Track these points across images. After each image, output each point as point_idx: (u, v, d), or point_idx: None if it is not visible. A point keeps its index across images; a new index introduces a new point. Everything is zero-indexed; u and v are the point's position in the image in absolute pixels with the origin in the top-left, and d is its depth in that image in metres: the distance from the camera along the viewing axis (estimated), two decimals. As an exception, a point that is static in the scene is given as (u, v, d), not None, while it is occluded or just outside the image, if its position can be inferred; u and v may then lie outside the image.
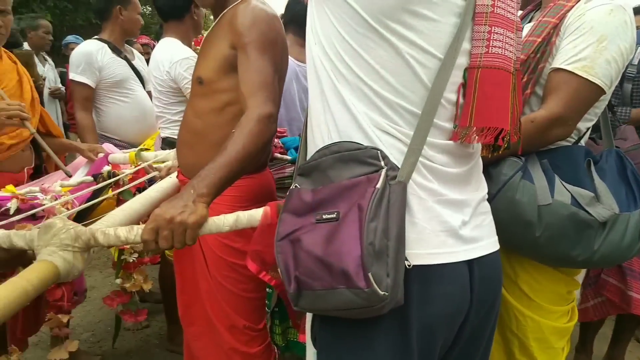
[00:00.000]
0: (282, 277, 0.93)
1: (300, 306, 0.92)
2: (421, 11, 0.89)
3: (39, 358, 2.43)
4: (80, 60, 2.70)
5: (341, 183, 0.91)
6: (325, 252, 0.86)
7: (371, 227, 0.84)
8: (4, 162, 2.13)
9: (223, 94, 1.49)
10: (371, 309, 0.85)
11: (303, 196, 0.96)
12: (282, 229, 0.95)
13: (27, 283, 0.96)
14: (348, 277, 0.83)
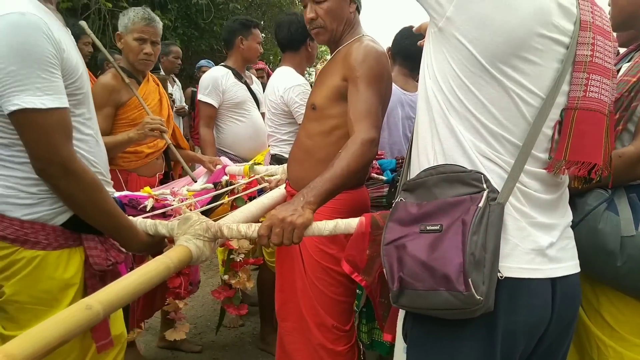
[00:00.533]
0: (387, 276, 1.08)
1: (400, 303, 1.07)
2: (529, 57, 1.04)
3: (149, 342, 2.76)
4: (208, 84, 3.08)
5: (446, 200, 1.06)
6: (429, 258, 1.01)
7: (473, 239, 0.98)
8: (142, 168, 2.51)
9: (332, 119, 1.70)
10: (465, 311, 0.99)
11: (409, 208, 1.11)
12: (388, 236, 1.11)
13: (170, 260, 1.21)
14: (449, 281, 0.97)
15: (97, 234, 1.36)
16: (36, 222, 1.26)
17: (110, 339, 1.39)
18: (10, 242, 1.25)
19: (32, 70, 1.13)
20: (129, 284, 1.07)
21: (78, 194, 1.25)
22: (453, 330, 1.07)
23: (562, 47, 1.06)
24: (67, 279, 1.30)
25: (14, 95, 1.13)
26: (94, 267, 1.34)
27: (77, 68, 1.27)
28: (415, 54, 2.10)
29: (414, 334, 1.15)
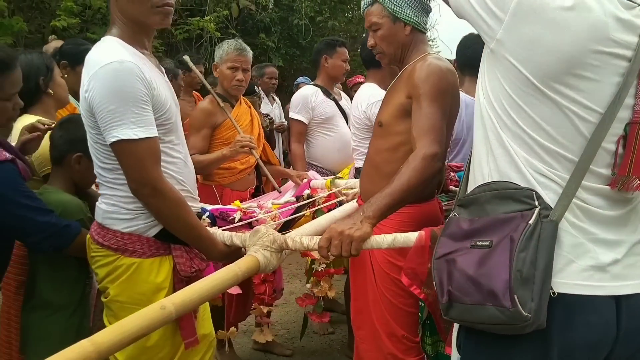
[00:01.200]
0: (437, 289, 1.12)
1: (450, 316, 1.11)
2: (584, 74, 1.04)
3: (245, 343, 2.98)
4: (299, 102, 3.28)
5: (497, 216, 1.08)
6: (476, 273, 1.04)
7: (520, 257, 1.00)
8: (235, 183, 2.75)
9: (398, 135, 1.76)
10: (513, 327, 1.01)
11: (461, 224, 1.14)
12: (439, 250, 1.15)
13: (238, 269, 1.36)
14: (495, 296, 1.00)
15: (183, 244, 1.55)
16: (133, 234, 1.49)
17: (196, 337, 1.57)
18: (113, 250, 1.49)
19: (128, 108, 1.35)
20: (200, 289, 1.23)
21: (164, 210, 1.45)
22: (505, 343, 1.08)
23: (623, 61, 1.04)
24: (158, 283, 1.51)
25: (113, 129, 1.35)
26: (181, 273, 1.53)
27: (165, 102, 1.48)
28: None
29: (466, 346, 1.18)
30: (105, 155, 1.44)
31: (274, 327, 3.25)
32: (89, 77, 1.37)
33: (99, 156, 1.46)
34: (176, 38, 6.58)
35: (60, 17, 4.78)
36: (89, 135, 1.46)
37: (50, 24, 4.70)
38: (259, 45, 7.73)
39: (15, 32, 4.54)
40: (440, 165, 1.58)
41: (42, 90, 1.94)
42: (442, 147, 1.59)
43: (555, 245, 1.03)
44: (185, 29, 6.60)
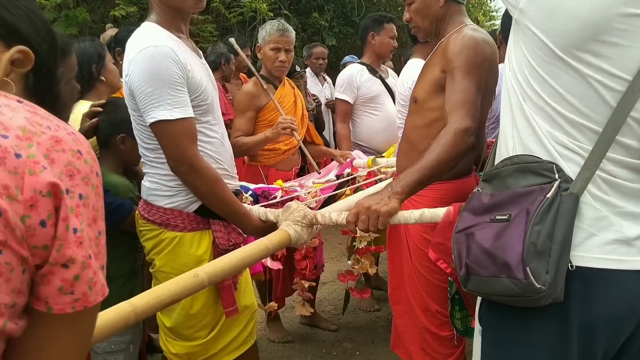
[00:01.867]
0: (455, 262, 1.15)
1: (468, 288, 1.13)
2: (611, 39, 1.00)
3: (293, 317, 3.08)
4: (343, 81, 3.29)
5: (516, 190, 1.09)
6: (492, 246, 1.05)
7: (535, 229, 1.00)
8: (280, 163, 2.82)
9: (432, 111, 1.75)
10: (528, 299, 1.02)
11: (482, 198, 1.16)
12: (460, 224, 1.17)
13: (269, 242, 1.43)
14: (509, 268, 1.01)
15: (222, 219, 1.64)
16: (175, 210, 1.59)
17: (235, 307, 1.67)
18: (157, 225, 1.60)
19: (164, 90, 1.43)
20: (232, 259, 1.31)
21: (201, 186, 1.54)
22: (524, 316, 1.08)
23: None
24: (199, 255, 1.61)
25: (151, 110, 1.45)
26: (219, 246, 1.62)
27: (201, 84, 1.55)
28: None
29: (488, 318, 1.19)
30: (147, 135, 1.54)
31: (322, 303, 3.34)
32: (128, 62, 1.47)
33: (141, 137, 1.57)
34: (230, 21, 6.71)
35: (120, 6, 5.02)
36: (133, 117, 1.57)
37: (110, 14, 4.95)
38: (312, 25, 7.74)
39: (80, 23, 4.83)
40: (472, 141, 1.56)
41: (95, 77, 2.07)
42: (475, 121, 1.57)
43: (575, 218, 1.02)
44: (239, 11, 6.72)
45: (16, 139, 0.51)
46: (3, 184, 0.50)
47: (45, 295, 0.54)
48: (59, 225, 0.53)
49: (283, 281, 2.69)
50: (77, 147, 0.56)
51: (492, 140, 2.24)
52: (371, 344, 2.84)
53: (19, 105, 0.55)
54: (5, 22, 0.64)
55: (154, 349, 2.41)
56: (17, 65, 0.65)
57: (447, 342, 1.78)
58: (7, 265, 0.50)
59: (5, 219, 0.49)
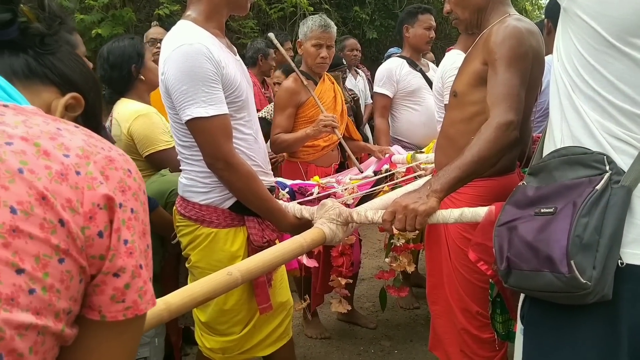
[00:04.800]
0: (496, 256, 1.11)
1: (509, 283, 1.09)
2: None
3: (331, 314, 3.06)
4: (383, 75, 3.24)
5: (563, 182, 1.04)
6: (535, 239, 1.01)
7: (581, 222, 0.96)
8: (319, 159, 2.80)
9: (473, 105, 1.69)
10: (571, 295, 0.97)
11: (527, 191, 1.12)
12: (503, 217, 1.14)
13: (304, 240, 1.41)
14: (552, 262, 0.97)
15: (256, 216, 1.64)
16: (210, 206, 1.60)
17: (269, 304, 1.67)
18: (193, 221, 1.61)
19: (198, 87, 1.44)
20: (265, 257, 1.30)
21: (236, 182, 1.53)
22: (569, 314, 1.03)
23: None
24: (233, 251, 1.61)
25: (187, 108, 1.45)
26: (254, 243, 1.62)
27: (235, 80, 1.55)
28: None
29: (530, 317, 1.14)
30: (183, 133, 1.55)
31: (360, 300, 3.31)
32: (163, 61, 1.48)
33: (178, 134, 1.58)
34: (271, 17, 6.73)
35: (164, 5, 5.11)
36: (169, 115, 1.58)
37: (154, 12, 5.05)
38: (353, 18, 7.66)
39: (126, 22, 4.95)
40: (516, 135, 1.49)
41: (134, 77, 2.10)
42: (519, 115, 1.50)
43: (626, 212, 0.96)
44: (280, 7, 6.73)
45: (76, 157, 0.57)
46: (66, 198, 0.54)
47: (98, 305, 0.58)
48: (112, 236, 0.57)
49: (322, 278, 2.67)
50: (127, 166, 0.61)
51: (538, 135, 2.15)
52: (410, 343, 2.79)
53: (76, 130, 0.60)
54: (61, 72, 0.76)
55: (193, 341, 2.45)
56: (70, 110, 0.76)
57: (488, 345, 1.72)
58: (67, 274, 0.54)
59: (68, 229, 0.54)
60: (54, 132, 0.57)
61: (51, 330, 0.52)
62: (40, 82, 0.73)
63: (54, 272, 0.52)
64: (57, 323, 0.53)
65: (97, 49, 3.34)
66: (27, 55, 0.72)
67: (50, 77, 0.74)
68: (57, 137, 0.57)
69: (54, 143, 0.56)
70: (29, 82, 0.72)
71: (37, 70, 0.73)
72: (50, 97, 0.74)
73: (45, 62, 0.74)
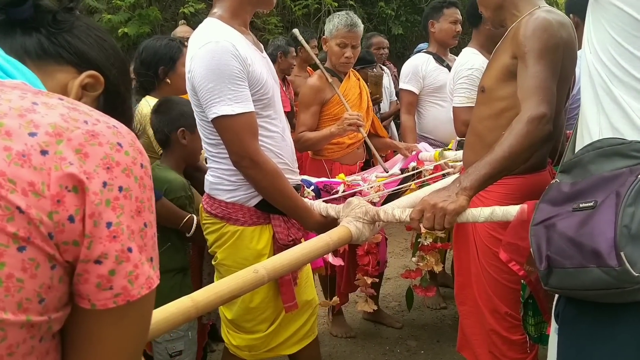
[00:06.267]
0: (534, 256, 1.06)
1: (550, 284, 1.03)
2: None
3: (356, 313, 3.04)
4: (408, 71, 3.20)
5: (601, 175, 1.00)
6: (577, 234, 0.96)
7: (628, 211, 0.91)
8: (344, 157, 2.78)
9: (501, 101, 1.65)
10: (621, 292, 0.91)
11: (562, 188, 1.07)
12: (538, 216, 1.09)
13: (330, 239, 1.40)
14: (599, 256, 0.91)
15: (282, 214, 1.63)
16: (236, 204, 1.59)
17: (295, 302, 1.66)
18: (219, 218, 1.61)
19: (224, 85, 1.43)
20: (292, 255, 1.29)
21: (262, 180, 1.53)
22: (609, 313, 0.99)
23: None
24: (259, 249, 1.61)
25: (213, 105, 1.45)
26: (279, 241, 1.62)
27: (261, 78, 1.54)
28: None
29: (566, 315, 1.09)
30: (209, 131, 1.55)
31: (386, 299, 3.28)
32: (190, 59, 1.48)
33: (204, 132, 1.58)
34: (295, 14, 6.73)
35: (189, 3, 5.15)
36: (196, 113, 1.58)
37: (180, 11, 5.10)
38: (378, 14, 7.60)
39: (152, 21, 5.01)
40: (548, 129, 1.44)
41: (160, 78, 2.11)
42: (552, 108, 1.45)
43: None
44: (304, 4, 6.72)
45: (45, 135, 0.52)
46: (28, 181, 0.50)
47: (86, 293, 0.55)
48: (86, 221, 0.53)
49: (347, 277, 2.66)
50: (116, 139, 0.56)
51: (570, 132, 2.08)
52: (437, 343, 2.75)
53: (58, 103, 0.56)
54: (77, 50, 0.71)
55: (219, 338, 2.47)
56: (89, 90, 0.71)
57: (518, 347, 1.67)
58: (31, 262, 0.50)
59: (28, 216, 0.50)
60: (26, 108, 0.53)
61: (10, 322, 0.50)
62: (55, 62, 0.69)
63: (12, 261, 0.49)
64: (18, 314, 0.50)
65: (123, 49, 3.39)
66: (39, 35, 0.68)
67: (65, 56, 0.70)
68: (28, 114, 0.53)
69: (22, 121, 0.52)
70: (42, 62, 0.68)
71: (50, 50, 0.69)
72: (67, 78, 0.70)
73: (59, 40, 0.69)
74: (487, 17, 1.71)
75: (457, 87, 2.62)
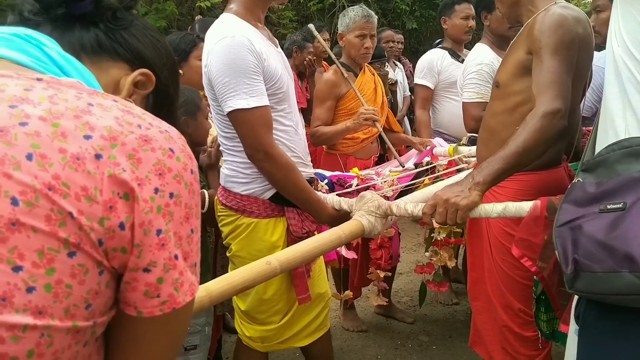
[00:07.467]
0: (560, 259, 1.02)
1: (576, 288, 1.00)
2: None
3: (368, 307, 3.06)
4: (423, 66, 3.19)
5: (631, 175, 0.97)
6: (607, 237, 0.93)
7: None
8: (358, 152, 2.78)
9: (515, 96, 1.64)
10: None
11: (586, 188, 1.04)
12: (562, 217, 1.06)
13: (342, 232, 1.41)
14: (633, 260, 0.89)
15: (296, 207, 1.64)
16: (251, 196, 1.61)
17: (308, 294, 1.68)
18: (234, 211, 1.63)
19: (240, 79, 1.45)
20: (304, 248, 1.30)
21: (276, 173, 1.54)
22: (635, 314, 0.96)
23: None
24: (273, 241, 1.63)
25: (228, 99, 1.47)
26: (293, 234, 1.63)
27: (276, 72, 1.55)
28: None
29: (587, 317, 1.07)
30: (225, 124, 1.57)
31: (398, 294, 3.29)
32: (207, 53, 1.50)
33: (220, 126, 1.60)
34: (310, 9, 6.73)
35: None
36: (212, 107, 1.60)
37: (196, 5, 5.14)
38: (393, 10, 7.56)
39: (168, 15, 5.05)
40: (563, 124, 1.43)
41: None
42: (566, 103, 1.44)
43: None
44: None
45: (100, 138, 0.51)
46: (82, 186, 0.49)
47: (133, 300, 0.55)
48: (135, 229, 0.52)
49: (360, 270, 2.67)
50: (168, 145, 0.56)
51: (588, 128, 2.06)
52: (449, 339, 2.75)
53: (113, 105, 0.55)
54: (132, 48, 0.71)
55: (230, 330, 2.50)
56: (140, 87, 0.72)
57: (531, 344, 1.67)
58: (80, 267, 0.50)
59: (79, 222, 0.49)
60: (82, 109, 0.52)
61: (58, 328, 0.49)
62: (110, 58, 0.70)
63: (62, 267, 0.49)
64: (65, 320, 0.50)
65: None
66: (98, 30, 0.69)
67: (121, 52, 0.70)
68: (83, 115, 0.52)
69: (77, 122, 0.51)
70: (97, 57, 0.69)
71: (107, 45, 0.69)
72: (120, 74, 0.70)
73: (116, 36, 0.70)
74: (503, 12, 1.70)
75: (466, 83, 2.61)
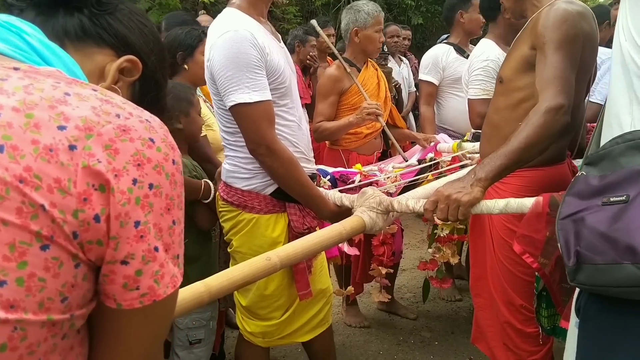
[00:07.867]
0: (562, 251, 1.02)
1: (577, 280, 0.99)
2: None
3: (371, 303, 3.05)
4: (428, 62, 3.17)
5: (634, 168, 0.96)
6: (610, 229, 0.93)
7: None
8: (361, 147, 2.77)
9: (519, 91, 1.63)
10: None
11: (589, 181, 1.03)
12: (564, 210, 1.05)
13: (343, 228, 1.40)
14: (634, 252, 0.88)
15: (297, 203, 1.64)
16: (252, 192, 1.61)
17: (309, 290, 1.67)
18: (235, 206, 1.63)
19: (243, 73, 1.44)
20: (305, 244, 1.30)
21: (278, 168, 1.54)
22: (635, 309, 0.95)
23: None
24: (274, 237, 1.62)
25: (231, 94, 1.46)
26: (294, 230, 1.63)
27: (279, 67, 1.55)
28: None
29: (588, 309, 1.05)
30: (227, 119, 1.57)
31: (401, 290, 3.28)
32: (209, 47, 1.49)
33: (222, 120, 1.60)
34: (314, 4, 6.71)
35: (208, -7, 5.19)
36: (214, 102, 1.60)
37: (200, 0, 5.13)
38: (398, 5, 7.53)
39: (172, 10, 5.05)
40: (566, 120, 1.42)
41: (178, 64, 2.13)
42: (570, 99, 1.43)
43: None
44: (324, -6, 6.71)
45: (75, 129, 0.50)
46: (54, 177, 0.48)
47: (112, 293, 0.54)
48: (111, 222, 0.51)
49: (362, 267, 2.66)
50: (148, 135, 0.54)
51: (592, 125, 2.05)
52: (451, 335, 2.75)
53: (91, 94, 0.54)
54: (118, 33, 0.69)
55: (233, 325, 2.50)
56: (126, 74, 0.69)
57: (532, 340, 1.66)
58: (54, 260, 0.49)
59: (51, 215, 0.48)
60: (58, 99, 0.51)
61: (31, 321, 0.48)
62: (94, 44, 0.68)
63: (34, 260, 0.48)
64: (39, 314, 0.49)
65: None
66: (81, 15, 0.67)
67: (106, 38, 0.68)
68: (59, 105, 0.50)
69: (52, 112, 0.50)
70: (82, 44, 0.67)
71: (91, 31, 0.67)
72: (105, 60, 0.68)
73: (100, 22, 0.68)
74: (507, 7, 1.69)
75: (472, 79, 2.59)
